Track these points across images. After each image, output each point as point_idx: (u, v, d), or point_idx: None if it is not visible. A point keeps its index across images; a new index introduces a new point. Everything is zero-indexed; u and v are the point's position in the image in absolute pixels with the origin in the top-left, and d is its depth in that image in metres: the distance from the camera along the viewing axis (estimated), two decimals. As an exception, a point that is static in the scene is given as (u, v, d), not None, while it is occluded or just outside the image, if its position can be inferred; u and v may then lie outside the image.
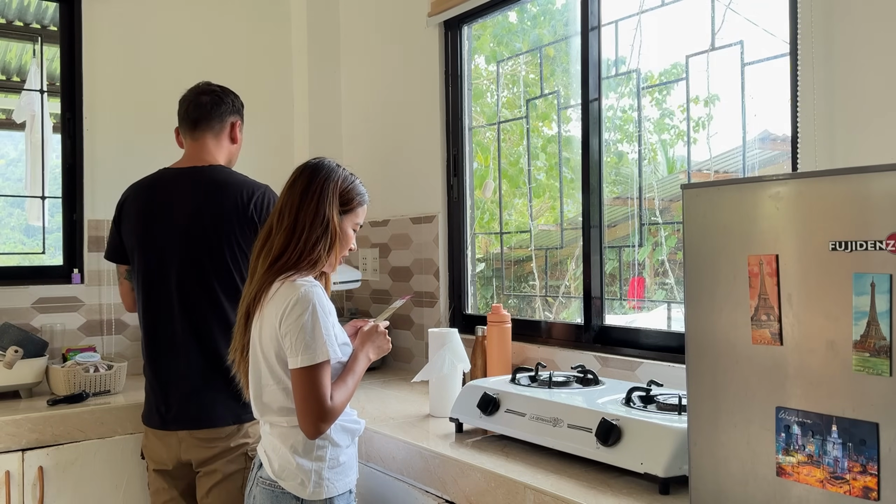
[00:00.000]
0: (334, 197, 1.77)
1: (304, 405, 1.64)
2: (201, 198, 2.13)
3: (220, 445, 2.09)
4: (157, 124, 3.23)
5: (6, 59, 3.38)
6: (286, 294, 1.68)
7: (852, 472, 1.11)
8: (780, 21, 1.96)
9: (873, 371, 1.09)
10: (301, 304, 1.65)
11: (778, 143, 2.11)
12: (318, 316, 1.66)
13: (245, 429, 2.11)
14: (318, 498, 1.69)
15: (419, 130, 3.13)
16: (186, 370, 2.11)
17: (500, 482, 1.66)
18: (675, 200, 2.39)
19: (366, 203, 1.86)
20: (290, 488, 1.69)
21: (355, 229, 1.84)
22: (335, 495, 1.71)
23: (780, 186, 1.21)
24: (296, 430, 1.70)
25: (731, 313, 1.27)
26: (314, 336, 1.64)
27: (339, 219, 1.77)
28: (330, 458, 1.72)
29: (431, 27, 3.03)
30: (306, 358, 1.63)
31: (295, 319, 1.65)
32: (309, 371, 1.63)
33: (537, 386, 2.00)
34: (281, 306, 1.67)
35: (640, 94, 2.44)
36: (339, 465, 1.73)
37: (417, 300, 3.11)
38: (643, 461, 1.54)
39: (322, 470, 1.70)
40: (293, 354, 1.64)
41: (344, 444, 1.75)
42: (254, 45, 3.48)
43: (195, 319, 2.10)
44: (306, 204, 1.75)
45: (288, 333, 1.65)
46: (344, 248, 1.81)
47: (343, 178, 1.81)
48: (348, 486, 1.75)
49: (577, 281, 2.67)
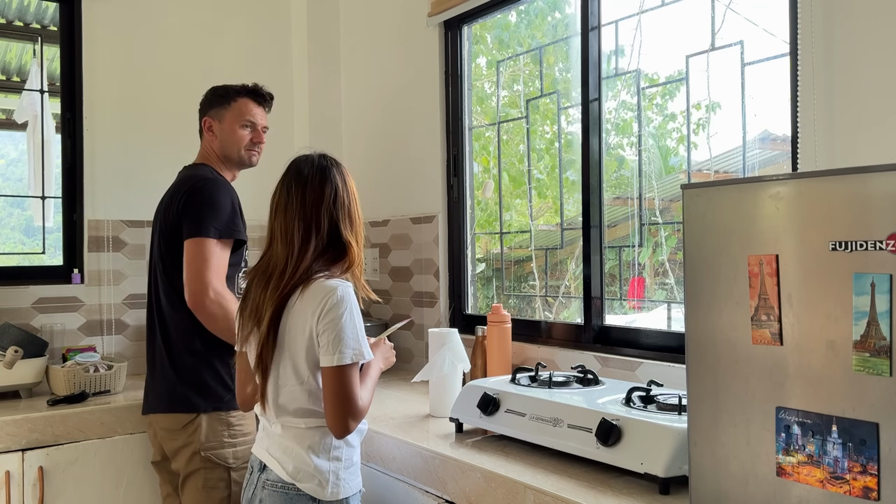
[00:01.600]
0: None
1: (338, 403, 1.63)
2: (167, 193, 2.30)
3: (180, 439, 2.12)
4: (157, 124, 3.23)
5: (6, 59, 3.38)
6: (324, 295, 1.66)
7: (852, 472, 1.11)
8: (780, 21, 1.96)
9: (873, 371, 1.09)
10: (342, 304, 1.64)
11: (778, 143, 2.11)
12: (356, 316, 1.67)
13: (199, 422, 2.11)
14: (336, 498, 1.68)
15: (419, 130, 3.13)
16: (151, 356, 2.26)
17: (500, 482, 1.66)
18: (675, 200, 2.39)
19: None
20: (308, 490, 1.67)
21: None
22: (350, 495, 1.72)
23: (780, 186, 1.21)
24: (313, 431, 1.69)
25: (731, 313, 1.27)
26: (355, 335, 1.64)
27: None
28: (346, 458, 1.72)
29: (431, 27, 3.03)
30: (341, 356, 1.62)
31: (334, 318, 1.63)
32: (345, 369, 1.63)
33: (537, 386, 2.00)
34: (318, 306, 1.65)
35: (640, 93, 2.44)
36: (352, 464, 1.75)
37: (418, 300, 3.11)
38: (643, 461, 1.54)
39: (339, 470, 1.70)
40: (329, 353, 1.63)
41: (356, 445, 1.77)
42: (254, 44, 3.48)
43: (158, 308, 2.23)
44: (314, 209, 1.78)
45: (326, 331, 1.63)
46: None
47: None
48: (359, 486, 1.77)
49: (577, 281, 2.67)
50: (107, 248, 3.07)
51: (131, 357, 3.06)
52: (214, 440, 2.10)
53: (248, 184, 3.44)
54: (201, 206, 2.12)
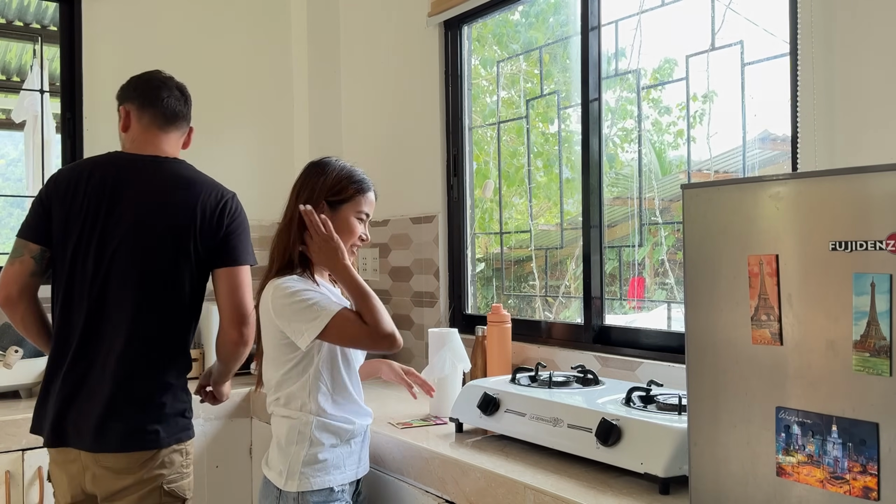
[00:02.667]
0: (324, 188, 1.82)
1: (361, 345, 1.77)
2: (164, 190, 1.95)
3: (133, 477, 1.83)
4: (157, 124, 3.23)
5: (6, 59, 3.38)
6: (266, 294, 1.78)
7: (852, 472, 1.11)
8: (780, 21, 1.96)
9: (873, 371, 1.09)
10: (276, 295, 1.73)
11: (778, 143, 2.11)
12: (293, 293, 1.71)
13: (161, 456, 1.86)
14: (291, 490, 1.75)
15: (419, 130, 3.13)
16: (100, 378, 1.85)
17: (500, 482, 1.66)
18: (675, 200, 2.39)
19: (367, 191, 1.88)
20: (271, 478, 1.79)
21: (360, 217, 1.87)
22: (308, 490, 1.74)
23: (780, 186, 1.21)
24: (280, 421, 1.79)
25: (731, 313, 1.27)
26: (305, 310, 1.69)
27: (335, 210, 1.83)
28: (307, 453, 1.76)
29: (431, 27, 3.03)
30: (310, 331, 1.68)
31: (281, 309, 1.72)
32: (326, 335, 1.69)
33: (537, 386, 2.00)
34: (266, 305, 1.76)
35: (640, 93, 2.44)
36: (317, 462, 1.76)
37: (418, 300, 3.11)
38: (643, 461, 1.54)
39: (297, 463, 1.75)
40: (300, 335, 1.70)
41: (327, 443, 1.77)
42: (254, 44, 3.48)
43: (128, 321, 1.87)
44: (299, 200, 1.83)
45: (290, 322, 1.72)
46: (347, 238, 1.83)
47: (337, 171, 1.86)
48: (327, 485, 1.76)
49: (577, 281, 2.67)
50: (107, 248, 3.06)
51: (131, 357, 3.06)
52: (175, 472, 1.88)
53: (248, 184, 3.44)
54: (247, 228, 2.02)
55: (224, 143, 3.39)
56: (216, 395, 2.18)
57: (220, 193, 2.00)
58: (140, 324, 1.87)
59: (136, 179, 1.95)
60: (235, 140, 3.42)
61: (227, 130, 3.40)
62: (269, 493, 1.79)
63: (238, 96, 3.43)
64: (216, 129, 3.36)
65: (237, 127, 3.43)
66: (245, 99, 3.46)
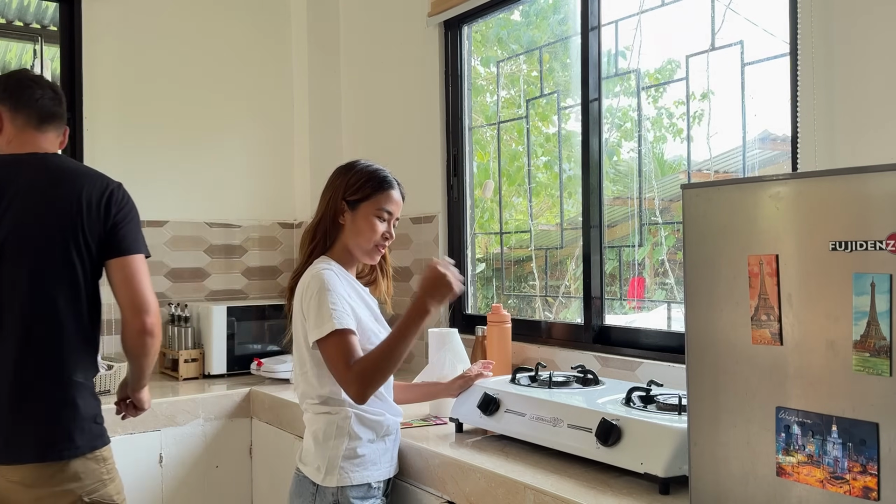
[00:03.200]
0: (342, 188, 1.86)
1: (335, 375, 1.73)
2: (47, 185, 1.86)
3: (45, 489, 1.74)
4: (157, 124, 3.23)
5: (6, 59, 3.38)
6: (301, 281, 1.81)
7: (852, 472, 1.11)
8: (780, 21, 1.96)
9: (873, 371, 1.09)
10: (312, 285, 1.76)
11: (778, 143, 2.11)
12: (326, 291, 1.73)
13: (74, 466, 1.75)
14: (331, 485, 1.75)
15: (419, 130, 3.13)
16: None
17: (500, 482, 1.66)
18: (675, 200, 2.39)
19: (387, 188, 1.88)
20: (308, 473, 1.79)
21: (380, 216, 1.86)
22: (348, 485, 1.75)
23: (780, 186, 1.21)
24: (319, 417, 1.79)
25: (731, 313, 1.27)
26: (321, 310, 1.72)
27: (354, 208, 1.85)
28: (346, 447, 1.77)
29: (431, 27, 3.03)
30: (316, 332, 1.71)
31: (308, 300, 1.75)
32: (323, 343, 1.71)
33: (537, 386, 2.00)
34: (298, 292, 1.80)
35: (640, 93, 2.44)
36: (356, 456, 1.78)
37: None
38: (643, 461, 1.54)
39: (337, 458, 1.76)
40: (310, 330, 1.74)
41: (364, 438, 1.79)
42: (254, 44, 3.48)
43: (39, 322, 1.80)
44: (323, 200, 1.89)
45: (306, 314, 1.76)
46: (368, 236, 1.84)
47: (358, 171, 1.88)
48: (366, 480, 1.78)
49: (577, 281, 2.67)
50: (107, 248, 3.06)
51: (131, 357, 3.05)
52: (96, 481, 1.79)
53: (248, 184, 3.44)
54: (137, 218, 1.93)
55: (224, 144, 3.39)
56: (136, 405, 2.07)
57: (105, 183, 1.90)
58: (35, 325, 1.78)
59: (18, 178, 1.85)
60: (236, 140, 3.42)
61: (227, 130, 3.40)
62: (303, 491, 1.78)
63: (238, 96, 3.43)
64: (216, 129, 3.37)
65: (237, 127, 3.43)
66: (245, 99, 3.46)
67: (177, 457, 2.60)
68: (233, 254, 3.39)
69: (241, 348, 3.04)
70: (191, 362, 2.97)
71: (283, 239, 3.52)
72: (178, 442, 2.60)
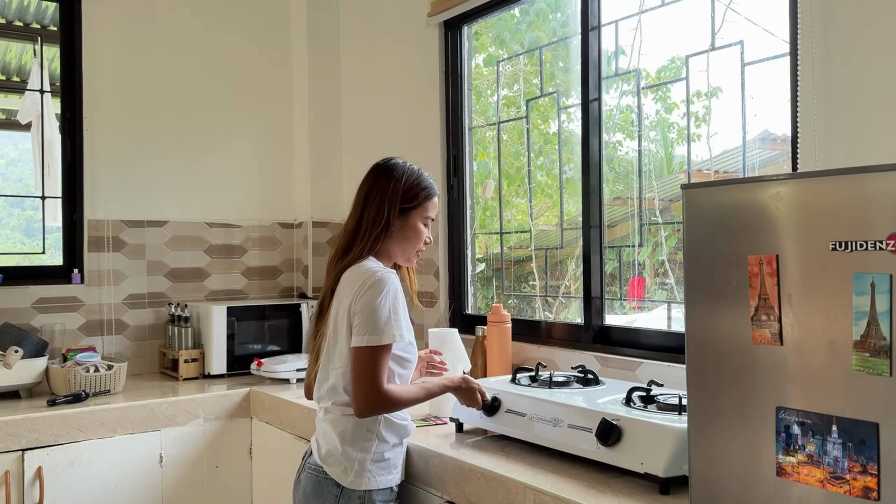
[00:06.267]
0: (396, 195, 1.83)
1: (360, 383, 1.70)
2: None
3: None
4: (157, 124, 3.23)
5: (6, 59, 3.38)
6: (359, 276, 1.75)
7: (852, 472, 1.11)
8: (780, 21, 1.96)
9: (873, 371, 1.09)
10: (377, 286, 1.72)
11: (778, 143, 2.11)
12: (394, 300, 1.72)
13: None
14: (358, 488, 1.74)
15: (419, 130, 3.13)
16: None
17: (500, 482, 1.65)
18: (675, 200, 2.39)
19: (434, 196, 1.90)
20: (333, 474, 1.76)
21: (426, 223, 1.89)
22: (375, 489, 1.76)
23: (780, 186, 1.21)
24: (346, 419, 1.77)
25: (731, 313, 1.27)
26: (387, 319, 1.70)
27: (404, 216, 1.85)
28: (375, 451, 1.77)
29: (431, 27, 3.03)
30: (373, 338, 1.69)
31: (370, 299, 1.71)
32: (371, 351, 1.69)
33: (537, 386, 2.00)
34: (355, 286, 1.74)
35: (640, 93, 2.43)
36: (383, 460, 1.78)
37: (418, 300, 3.11)
38: (643, 461, 1.54)
39: (365, 461, 1.76)
40: (360, 333, 1.70)
41: (391, 442, 1.80)
42: (254, 44, 3.48)
43: None
44: (369, 204, 1.84)
45: (360, 312, 1.71)
46: (414, 243, 1.88)
47: (407, 176, 1.86)
48: (389, 484, 1.79)
49: (577, 281, 2.67)
50: (107, 248, 3.07)
51: (131, 357, 3.06)
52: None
53: (248, 184, 3.44)
54: None
55: (224, 144, 3.39)
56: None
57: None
58: None
59: None
60: (236, 140, 3.42)
61: (227, 130, 3.40)
62: (324, 492, 1.76)
63: (238, 96, 3.43)
64: (216, 129, 3.37)
65: (237, 127, 3.43)
66: (245, 99, 3.46)
67: (177, 457, 2.60)
68: (233, 254, 3.39)
69: (241, 348, 3.05)
70: (191, 362, 2.97)
71: (283, 239, 3.52)
72: (178, 442, 2.60)
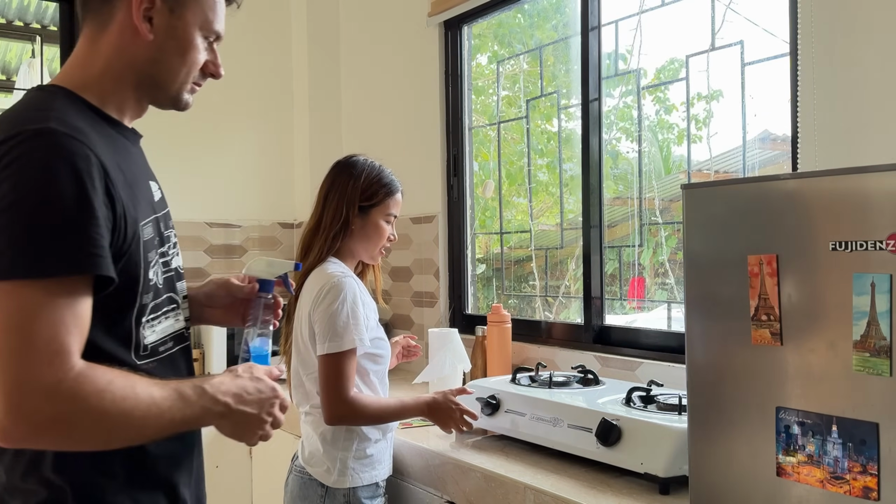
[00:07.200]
0: (355, 193, 1.83)
1: (325, 391, 1.71)
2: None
3: None
4: (156, 124, 3.22)
5: (6, 59, 3.38)
6: (317, 282, 1.75)
7: (852, 472, 1.11)
8: (780, 21, 1.96)
9: (873, 371, 1.09)
10: (333, 292, 1.72)
11: (778, 143, 2.11)
12: (352, 304, 1.72)
13: None
14: (342, 486, 1.75)
15: (419, 130, 3.13)
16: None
17: (500, 482, 1.66)
18: (675, 200, 2.39)
19: (395, 192, 1.91)
20: (316, 475, 1.77)
21: (388, 220, 1.89)
22: (359, 486, 1.76)
23: (780, 186, 1.21)
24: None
25: (731, 313, 1.27)
26: (345, 324, 1.70)
27: (365, 214, 1.84)
28: (356, 448, 1.77)
29: (431, 27, 3.03)
30: (333, 345, 1.69)
31: (327, 307, 1.71)
32: (333, 358, 1.69)
33: (537, 386, 2.00)
34: (313, 293, 1.74)
35: (640, 94, 2.43)
36: (365, 456, 1.78)
37: (418, 300, 3.11)
38: (643, 461, 1.54)
39: (347, 459, 1.76)
40: (321, 341, 1.71)
41: (373, 438, 1.80)
42: (254, 44, 3.48)
43: None
44: (329, 203, 1.84)
45: (319, 320, 1.72)
46: (377, 241, 1.87)
47: (367, 174, 1.86)
48: (374, 480, 1.79)
49: (577, 281, 2.67)
50: (107, 248, 3.06)
51: (131, 357, 3.05)
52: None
53: (248, 184, 3.44)
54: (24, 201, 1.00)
55: (224, 144, 3.39)
56: None
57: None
58: None
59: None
60: (236, 140, 3.42)
61: (227, 130, 3.40)
62: (310, 493, 1.77)
63: (238, 96, 3.43)
64: (216, 129, 3.36)
65: (237, 127, 3.43)
66: (245, 99, 3.46)
67: (177, 457, 2.59)
68: (233, 254, 3.39)
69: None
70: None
71: (283, 239, 3.52)
72: (178, 442, 2.59)
